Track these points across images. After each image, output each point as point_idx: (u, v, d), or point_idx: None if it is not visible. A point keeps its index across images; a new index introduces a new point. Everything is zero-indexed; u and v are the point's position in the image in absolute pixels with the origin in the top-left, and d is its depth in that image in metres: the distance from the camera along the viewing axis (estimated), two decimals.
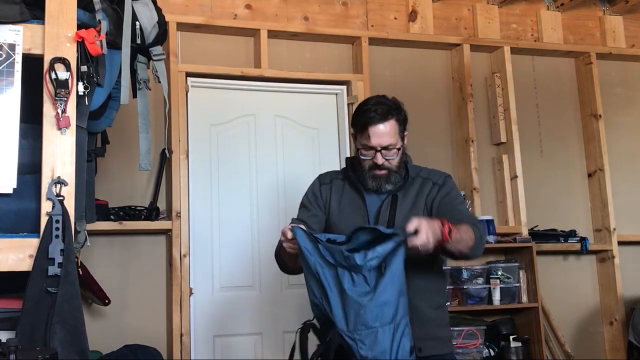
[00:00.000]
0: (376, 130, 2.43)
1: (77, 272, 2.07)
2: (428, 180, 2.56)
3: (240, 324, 4.07)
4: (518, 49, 4.92)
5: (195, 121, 4.14)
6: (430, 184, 2.55)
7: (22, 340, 1.92)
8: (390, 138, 2.45)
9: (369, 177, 2.49)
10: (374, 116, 2.44)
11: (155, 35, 2.50)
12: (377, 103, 2.49)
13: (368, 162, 2.47)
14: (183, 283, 3.86)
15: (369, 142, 2.44)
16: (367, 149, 2.46)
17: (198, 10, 4.24)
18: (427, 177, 2.57)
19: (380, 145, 2.44)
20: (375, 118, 2.43)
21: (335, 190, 2.59)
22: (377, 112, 2.44)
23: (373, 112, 2.45)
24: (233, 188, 4.22)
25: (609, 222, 4.84)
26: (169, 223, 3.87)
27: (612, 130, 5.07)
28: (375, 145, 2.44)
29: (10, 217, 2.09)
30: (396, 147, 2.47)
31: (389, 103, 2.51)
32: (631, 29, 5.35)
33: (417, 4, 4.75)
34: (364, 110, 2.48)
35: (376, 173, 2.48)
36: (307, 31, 4.43)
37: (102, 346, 3.55)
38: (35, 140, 2.15)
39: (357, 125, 2.50)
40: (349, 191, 2.57)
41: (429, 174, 2.60)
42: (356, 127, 2.51)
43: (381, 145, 2.44)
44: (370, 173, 2.48)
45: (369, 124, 2.43)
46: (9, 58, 2.08)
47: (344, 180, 2.61)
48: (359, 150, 2.50)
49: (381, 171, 2.47)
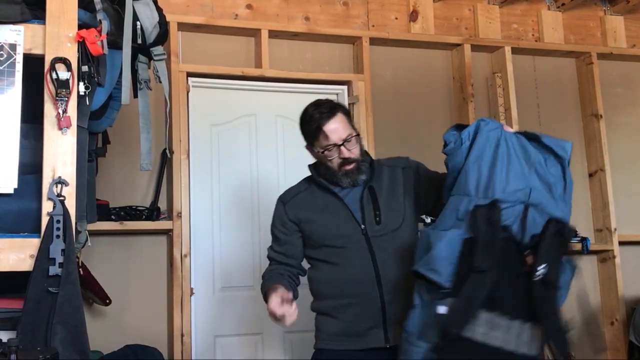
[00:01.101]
0: (330, 127, 2.47)
1: (78, 272, 2.07)
2: (395, 168, 2.61)
3: (241, 324, 4.07)
4: (519, 49, 4.91)
5: (196, 121, 4.14)
6: (400, 171, 2.60)
7: (23, 340, 1.92)
8: (346, 129, 2.50)
9: (341, 175, 2.51)
10: (322, 116, 2.48)
11: (156, 35, 2.50)
12: (317, 107, 2.53)
13: (336, 161, 2.49)
14: (184, 283, 3.86)
15: (329, 140, 2.47)
16: (329, 149, 2.48)
17: (199, 10, 4.24)
18: (393, 165, 2.62)
19: (341, 139, 2.48)
20: (324, 117, 2.48)
21: (304, 202, 2.59)
22: (322, 113, 2.49)
23: (319, 114, 2.49)
24: (234, 188, 4.22)
25: (610, 222, 4.83)
26: (170, 223, 3.88)
27: (613, 131, 5.06)
28: (336, 140, 2.47)
29: (11, 217, 2.09)
30: (354, 136, 2.51)
31: (327, 102, 2.56)
32: (632, 29, 5.34)
33: (417, 4, 4.75)
34: (309, 119, 2.52)
35: (347, 169, 2.50)
36: (308, 31, 4.43)
37: (103, 346, 3.55)
38: (36, 140, 2.15)
39: (309, 133, 2.53)
40: (322, 196, 2.58)
41: (392, 162, 2.64)
42: (310, 137, 2.54)
43: (341, 138, 2.48)
44: (341, 171, 2.51)
45: (321, 125, 2.47)
46: (10, 58, 2.08)
47: (310, 188, 2.62)
48: (322, 154, 2.51)
49: (350, 165, 2.50)
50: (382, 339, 2.44)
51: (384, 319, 2.44)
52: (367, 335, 2.46)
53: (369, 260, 2.46)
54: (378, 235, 2.48)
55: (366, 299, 2.45)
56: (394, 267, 2.45)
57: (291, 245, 2.61)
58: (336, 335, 2.50)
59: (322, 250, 2.54)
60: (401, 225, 2.52)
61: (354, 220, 2.50)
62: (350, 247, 2.49)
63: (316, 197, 2.58)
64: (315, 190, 2.60)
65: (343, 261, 2.49)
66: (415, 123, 4.66)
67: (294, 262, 2.63)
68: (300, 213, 2.58)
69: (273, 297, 2.35)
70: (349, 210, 2.52)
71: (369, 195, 2.53)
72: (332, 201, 2.55)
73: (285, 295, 2.37)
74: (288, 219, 2.60)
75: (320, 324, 2.58)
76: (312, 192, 2.60)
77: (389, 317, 2.43)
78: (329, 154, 2.49)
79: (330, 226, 2.52)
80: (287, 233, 2.61)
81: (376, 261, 2.46)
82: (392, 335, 2.43)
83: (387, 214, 2.51)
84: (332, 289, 2.52)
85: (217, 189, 4.19)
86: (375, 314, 2.44)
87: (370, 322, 2.45)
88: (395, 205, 2.54)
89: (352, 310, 2.47)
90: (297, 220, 2.59)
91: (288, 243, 2.61)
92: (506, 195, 2.16)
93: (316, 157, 2.57)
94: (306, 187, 2.64)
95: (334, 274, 2.50)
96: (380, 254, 2.46)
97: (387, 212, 2.51)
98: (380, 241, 2.48)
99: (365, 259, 2.45)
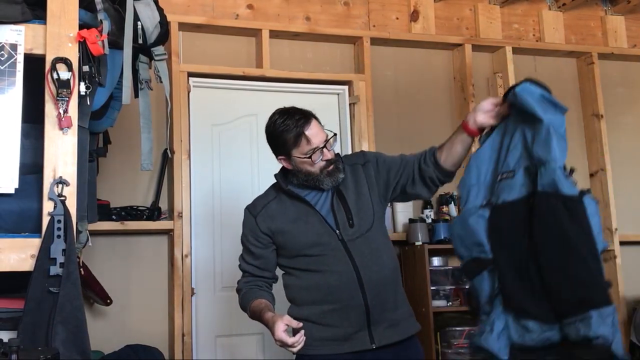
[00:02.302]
0: (312, 131, 2.44)
1: (78, 272, 2.07)
2: (355, 166, 2.59)
3: (242, 324, 4.04)
4: (520, 49, 4.91)
5: (197, 121, 4.14)
6: (360, 168, 2.59)
7: (24, 340, 1.92)
8: (323, 132, 2.47)
9: (323, 177, 2.48)
10: (300, 122, 2.44)
11: (157, 35, 2.50)
12: (287, 115, 2.47)
13: (319, 165, 2.46)
14: (185, 283, 3.86)
15: (311, 145, 2.43)
16: (314, 152, 2.44)
17: (200, 10, 4.24)
18: (353, 164, 2.60)
19: (323, 141, 2.45)
20: (302, 123, 2.44)
21: (275, 212, 2.55)
22: (298, 119, 2.44)
23: (295, 121, 2.44)
24: (235, 188, 4.21)
25: (611, 222, 4.82)
26: (171, 223, 3.88)
27: (614, 130, 5.06)
28: (319, 143, 2.44)
29: (12, 217, 2.09)
30: (332, 136, 2.50)
31: (296, 110, 2.50)
32: (633, 29, 5.34)
33: (418, 4, 4.75)
34: (284, 128, 2.45)
35: (329, 170, 2.48)
36: (309, 31, 4.43)
37: (103, 346, 3.55)
38: (37, 140, 2.15)
39: (288, 142, 2.46)
40: (292, 204, 2.54)
41: (351, 161, 2.62)
42: (288, 145, 2.46)
43: (323, 140, 2.45)
44: (323, 173, 2.48)
45: (303, 131, 2.43)
46: (11, 58, 2.08)
47: (279, 197, 2.57)
48: (304, 159, 2.45)
49: (331, 165, 2.48)
50: (367, 341, 2.45)
51: (369, 321, 2.45)
52: (352, 339, 2.45)
53: (349, 264, 2.44)
54: (353, 238, 2.48)
55: (350, 303, 2.44)
56: (374, 268, 2.47)
57: (266, 259, 2.57)
58: (320, 341, 2.47)
59: (298, 259, 2.51)
60: (373, 223, 2.53)
61: (327, 227, 2.48)
62: (329, 254, 2.47)
63: (286, 207, 2.54)
64: (284, 199, 2.55)
65: (323, 268, 2.47)
66: (416, 123, 4.66)
67: (269, 274, 2.60)
68: (272, 224, 2.53)
69: (279, 324, 2.29)
70: (321, 217, 2.49)
71: (338, 199, 2.51)
72: (303, 209, 2.52)
73: (290, 322, 2.32)
74: (261, 231, 2.54)
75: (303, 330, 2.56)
76: (282, 201, 2.56)
77: (373, 319, 2.45)
78: (314, 158, 2.44)
79: (305, 235, 2.49)
80: (261, 247, 2.56)
81: (356, 265, 2.45)
82: (377, 336, 2.45)
83: (358, 216, 2.50)
84: (314, 296, 2.49)
85: (218, 188, 4.19)
86: (359, 317, 2.44)
87: (355, 326, 2.45)
88: (364, 205, 2.53)
89: (336, 316, 2.46)
90: (269, 232, 2.53)
91: (263, 257, 2.57)
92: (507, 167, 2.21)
93: (295, 165, 2.50)
94: (274, 196, 2.59)
95: (316, 281, 2.46)
96: (358, 257, 2.46)
97: (358, 213, 2.51)
98: (356, 244, 2.47)
99: (346, 264, 2.43)
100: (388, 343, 2.46)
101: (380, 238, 2.55)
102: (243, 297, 2.57)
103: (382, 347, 2.45)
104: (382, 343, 2.45)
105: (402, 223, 4.40)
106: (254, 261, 2.58)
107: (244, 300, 2.56)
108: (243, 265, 2.62)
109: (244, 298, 2.56)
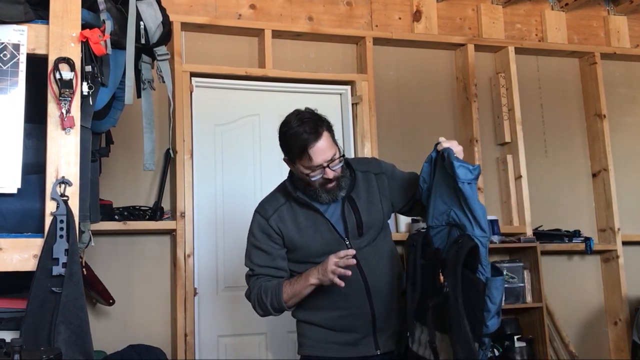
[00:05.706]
0: (316, 149, 2.34)
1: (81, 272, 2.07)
2: (368, 173, 2.56)
3: (245, 324, 4.06)
4: (522, 49, 4.91)
5: (200, 121, 4.14)
6: (374, 177, 2.56)
7: (27, 340, 1.92)
8: (331, 150, 2.37)
9: (322, 192, 2.44)
10: (308, 137, 2.33)
11: (160, 35, 2.50)
12: (300, 122, 2.36)
13: (318, 181, 2.41)
14: (187, 283, 3.86)
15: (313, 162, 2.35)
16: (313, 169, 2.37)
17: (202, 10, 4.25)
18: (365, 171, 2.56)
19: (326, 161, 2.36)
20: (310, 138, 2.33)
21: (286, 218, 2.51)
22: (307, 132, 2.33)
23: (304, 133, 2.33)
24: (237, 188, 4.21)
25: (614, 222, 4.82)
26: (173, 223, 3.88)
27: (616, 130, 5.06)
28: (321, 162, 2.36)
29: (14, 217, 2.09)
30: (338, 157, 2.40)
31: (311, 117, 2.40)
32: (635, 29, 5.34)
33: (421, 4, 4.75)
34: (293, 134, 2.36)
35: (328, 187, 2.43)
36: (312, 31, 4.43)
37: (106, 346, 3.56)
38: (39, 140, 2.15)
39: (292, 151, 2.39)
40: (301, 210, 2.50)
41: (363, 167, 2.58)
42: (292, 153, 2.40)
43: (326, 160, 2.36)
44: (323, 189, 2.43)
45: (306, 147, 2.33)
46: (14, 58, 2.08)
47: (288, 203, 2.53)
48: (304, 173, 2.40)
49: (332, 183, 2.43)
50: (372, 347, 2.48)
51: (374, 328, 2.47)
52: (358, 344, 2.48)
53: (357, 273, 2.44)
54: (362, 247, 2.48)
55: (358, 310, 2.46)
56: (381, 277, 2.49)
57: (282, 260, 2.52)
58: (326, 343, 2.50)
59: (307, 265, 2.48)
60: (380, 232, 2.54)
61: (337, 235, 2.47)
62: None
63: (297, 214, 2.50)
64: (294, 205, 2.51)
65: None
66: (418, 123, 4.66)
67: (285, 275, 2.54)
68: (284, 229, 2.49)
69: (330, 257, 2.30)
70: (331, 225, 2.48)
71: (349, 207, 2.49)
72: (313, 217, 2.49)
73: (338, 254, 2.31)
74: (274, 232, 2.50)
75: (308, 332, 2.56)
76: (292, 208, 2.51)
77: (378, 326, 2.48)
78: (313, 175, 2.38)
79: (315, 244, 2.47)
80: (275, 247, 2.51)
81: (364, 273, 2.46)
82: (382, 343, 2.49)
83: (368, 225, 2.50)
84: (322, 302, 2.49)
85: (220, 188, 4.19)
86: (366, 324, 2.47)
87: (361, 333, 2.48)
88: (374, 214, 2.52)
89: (343, 322, 2.48)
90: (281, 233, 2.50)
91: (280, 257, 2.51)
92: (435, 220, 2.34)
93: (296, 172, 2.46)
94: (284, 202, 2.53)
95: (325, 288, 2.43)
96: (366, 266, 2.47)
97: (367, 222, 2.50)
98: (364, 252, 2.47)
99: (354, 272, 2.40)
100: (392, 350, 2.50)
101: (386, 246, 2.57)
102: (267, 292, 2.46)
103: (387, 353, 2.49)
104: (386, 349, 2.49)
105: (405, 222, 4.40)
106: (271, 262, 2.51)
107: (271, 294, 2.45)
108: (257, 270, 2.52)
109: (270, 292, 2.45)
